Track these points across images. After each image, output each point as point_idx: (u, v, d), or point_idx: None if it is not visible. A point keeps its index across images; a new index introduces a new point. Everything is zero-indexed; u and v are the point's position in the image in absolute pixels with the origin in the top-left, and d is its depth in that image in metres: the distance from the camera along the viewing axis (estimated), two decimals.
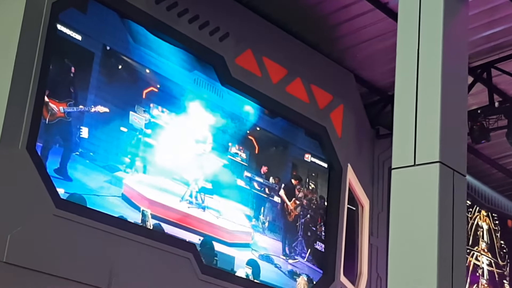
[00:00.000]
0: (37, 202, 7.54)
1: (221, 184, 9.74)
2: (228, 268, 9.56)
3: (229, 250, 9.66)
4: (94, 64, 8.51)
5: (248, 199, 10.03)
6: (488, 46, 10.85)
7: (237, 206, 9.89)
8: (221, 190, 9.72)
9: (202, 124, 9.60)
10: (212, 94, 9.76)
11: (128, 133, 8.77)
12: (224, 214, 9.69)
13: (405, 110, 5.36)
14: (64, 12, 8.07)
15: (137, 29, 8.94)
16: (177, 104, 9.36)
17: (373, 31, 10.55)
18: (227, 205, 9.75)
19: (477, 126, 11.39)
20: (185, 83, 9.45)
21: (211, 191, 9.59)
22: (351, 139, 11.49)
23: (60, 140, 8.12)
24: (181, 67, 9.40)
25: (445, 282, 4.98)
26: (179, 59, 9.38)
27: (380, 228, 12.10)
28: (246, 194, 10.03)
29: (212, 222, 9.53)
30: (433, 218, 5.02)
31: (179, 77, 9.38)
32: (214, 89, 9.77)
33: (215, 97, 9.81)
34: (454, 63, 5.48)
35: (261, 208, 10.20)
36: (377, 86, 11.94)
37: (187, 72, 9.48)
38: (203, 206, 9.44)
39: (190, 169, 9.40)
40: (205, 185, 9.49)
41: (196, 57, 9.57)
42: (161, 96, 9.16)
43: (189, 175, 9.37)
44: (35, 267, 7.41)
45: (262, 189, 10.24)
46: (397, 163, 5.29)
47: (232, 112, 10.00)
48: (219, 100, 9.85)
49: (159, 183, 9.03)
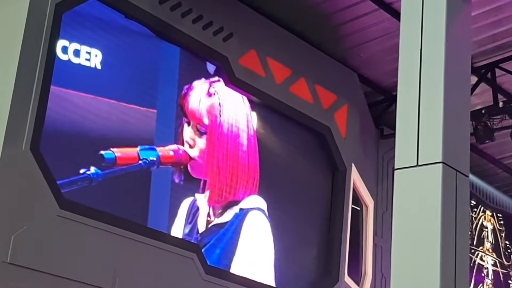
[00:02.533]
0: (41, 202, 7.54)
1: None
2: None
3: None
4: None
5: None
6: (492, 46, 10.83)
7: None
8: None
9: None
10: None
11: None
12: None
13: (407, 110, 5.36)
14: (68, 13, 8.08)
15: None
16: None
17: (377, 30, 10.54)
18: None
19: (481, 126, 11.39)
20: None
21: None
22: (355, 139, 11.48)
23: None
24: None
25: (448, 282, 4.98)
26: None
27: (385, 228, 12.10)
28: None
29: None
30: (436, 219, 5.02)
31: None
32: None
33: None
34: (457, 63, 5.48)
35: None
36: (381, 85, 11.93)
37: None
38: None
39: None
40: None
41: (199, 58, 9.58)
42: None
43: None
44: (39, 268, 7.42)
45: None
46: (400, 164, 5.29)
47: None
48: None
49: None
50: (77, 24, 8.38)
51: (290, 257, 10.38)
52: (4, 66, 7.59)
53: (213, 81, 9.64)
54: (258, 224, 10.04)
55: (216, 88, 9.66)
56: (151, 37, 9.11)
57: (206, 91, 9.54)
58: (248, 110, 10.05)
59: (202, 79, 9.57)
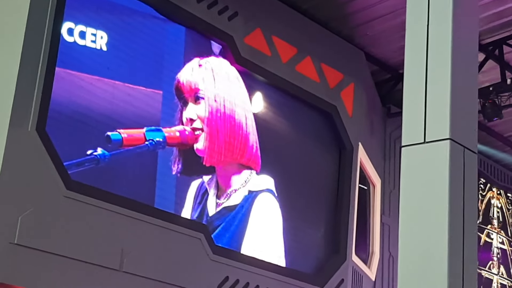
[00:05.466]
0: (47, 184, 7.54)
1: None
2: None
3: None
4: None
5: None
6: (499, 23, 10.76)
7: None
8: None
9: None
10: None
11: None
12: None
13: (414, 87, 5.31)
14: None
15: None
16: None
17: (384, 8, 10.47)
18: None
19: (489, 104, 11.34)
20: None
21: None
22: (362, 117, 11.43)
23: None
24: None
25: (456, 259, 4.96)
26: None
27: (392, 206, 12.09)
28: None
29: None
30: (443, 196, 4.99)
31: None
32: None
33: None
34: (464, 40, 5.42)
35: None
36: (388, 63, 11.88)
37: None
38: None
39: None
40: None
41: (205, 37, 9.53)
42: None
43: None
44: (46, 249, 7.44)
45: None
46: (407, 141, 5.25)
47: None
48: None
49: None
50: (82, 6, 8.35)
51: (298, 236, 10.38)
52: (9, 48, 7.56)
53: (203, 57, 9.54)
54: (268, 206, 10.02)
55: (209, 62, 9.56)
56: (156, 18, 9.06)
57: (197, 64, 9.45)
58: (244, 89, 9.95)
59: (196, 59, 9.49)
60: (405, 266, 5.10)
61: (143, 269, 8.28)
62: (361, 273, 11.19)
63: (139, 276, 8.21)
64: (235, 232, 9.58)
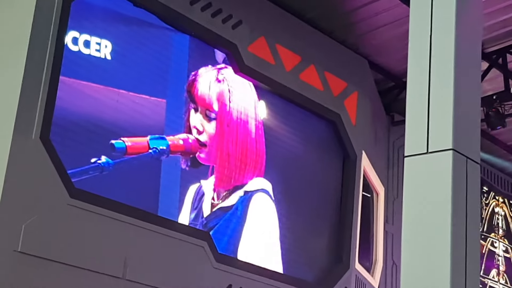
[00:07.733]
0: (51, 192, 7.56)
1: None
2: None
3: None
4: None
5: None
6: (503, 31, 10.76)
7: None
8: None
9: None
10: None
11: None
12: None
13: (417, 97, 5.32)
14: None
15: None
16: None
17: (388, 17, 10.48)
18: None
19: (492, 112, 11.35)
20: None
21: None
22: (365, 126, 11.44)
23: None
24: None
25: (459, 269, 4.96)
26: None
27: (396, 215, 12.08)
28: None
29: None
30: (446, 206, 4.99)
31: None
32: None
33: None
34: (467, 49, 5.42)
35: None
36: (392, 72, 11.88)
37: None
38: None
39: None
40: None
41: (208, 46, 9.55)
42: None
43: None
44: (49, 257, 7.44)
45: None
46: (410, 151, 5.25)
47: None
48: None
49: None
50: (86, 14, 8.38)
51: (302, 244, 10.38)
52: (13, 56, 7.59)
53: (220, 68, 9.63)
54: (264, 205, 10.02)
55: (225, 74, 9.65)
56: (160, 27, 9.09)
57: (215, 77, 9.53)
58: (255, 96, 10.03)
59: (209, 66, 9.55)
60: (408, 275, 5.09)
61: (147, 277, 8.28)
62: (364, 281, 11.18)
63: (143, 284, 8.22)
64: (231, 234, 9.57)
